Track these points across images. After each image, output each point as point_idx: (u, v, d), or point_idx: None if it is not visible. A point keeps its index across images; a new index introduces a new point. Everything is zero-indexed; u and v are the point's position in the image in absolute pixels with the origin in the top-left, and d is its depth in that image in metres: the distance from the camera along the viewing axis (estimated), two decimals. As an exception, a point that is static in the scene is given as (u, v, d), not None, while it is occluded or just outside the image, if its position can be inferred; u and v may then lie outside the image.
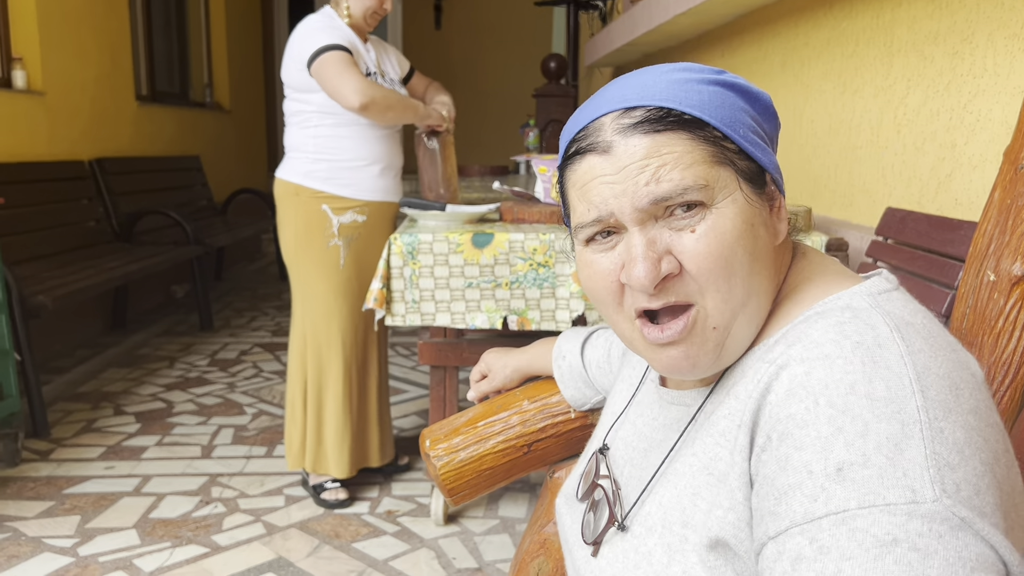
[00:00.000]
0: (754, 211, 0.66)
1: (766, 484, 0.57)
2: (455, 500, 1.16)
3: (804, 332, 0.61)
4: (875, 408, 0.54)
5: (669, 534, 0.65)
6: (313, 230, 2.31)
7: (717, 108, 0.65)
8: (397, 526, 2.28)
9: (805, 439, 0.55)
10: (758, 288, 0.65)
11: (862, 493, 0.52)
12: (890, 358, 0.56)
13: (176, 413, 3.15)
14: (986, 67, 1.60)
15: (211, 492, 2.48)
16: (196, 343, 4.18)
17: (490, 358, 1.23)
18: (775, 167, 0.69)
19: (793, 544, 0.53)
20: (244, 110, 6.91)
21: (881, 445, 0.52)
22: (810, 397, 0.56)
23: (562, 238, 1.99)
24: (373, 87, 2.21)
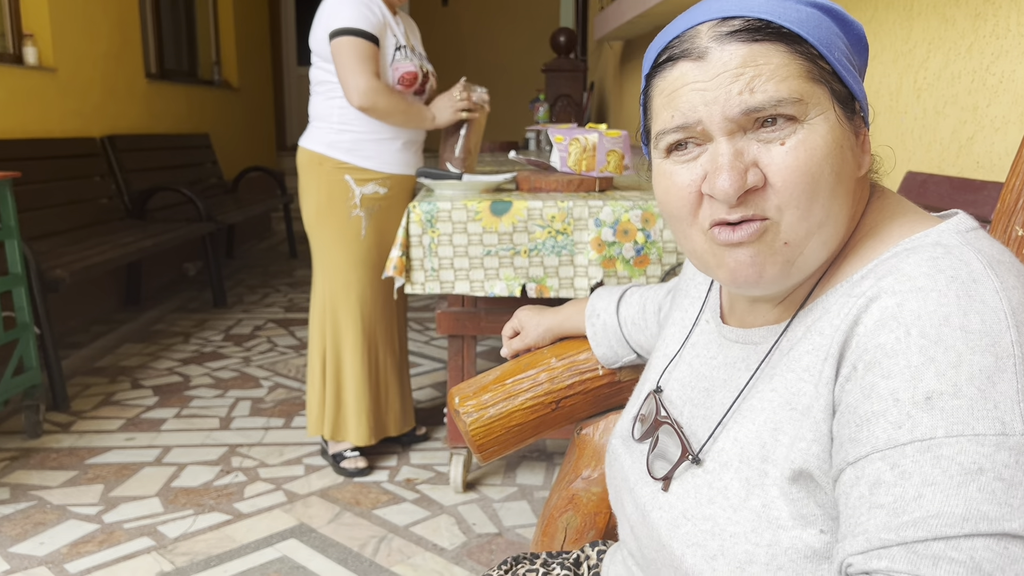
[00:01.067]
0: (844, 133, 0.65)
1: (848, 412, 0.57)
2: (484, 457, 1.17)
3: (895, 266, 0.60)
4: (969, 340, 0.54)
5: (747, 468, 0.64)
6: (335, 200, 2.31)
7: (815, 28, 0.64)
8: (417, 493, 2.30)
9: (894, 368, 0.55)
10: (836, 213, 0.64)
11: (950, 422, 0.52)
12: (985, 293, 0.56)
13: (193, 387, 3.17)
14: (1009, 27, 1.59)
15: (231, 462, 2.50)
16: (210, 319, 4.21)
17: (524, 315, 1.24)
18: (864, 98, 0.68)
19: (873, 468, 0.53)
20: (252, 88, 6.90)
21: (974, 376, 0.52)
22: (901, 328, 0.56)
23: (580, 205, 1.99)
24: (378, 94, 2.20)
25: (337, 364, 2.40)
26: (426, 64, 2.40)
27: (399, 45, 2.30)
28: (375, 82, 2.20)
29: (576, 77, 5.47)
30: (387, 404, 2.49)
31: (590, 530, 1.16)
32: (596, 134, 2.21)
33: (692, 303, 0.88)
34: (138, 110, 4.85)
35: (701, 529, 0.66)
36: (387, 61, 2.27)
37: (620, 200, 2.02)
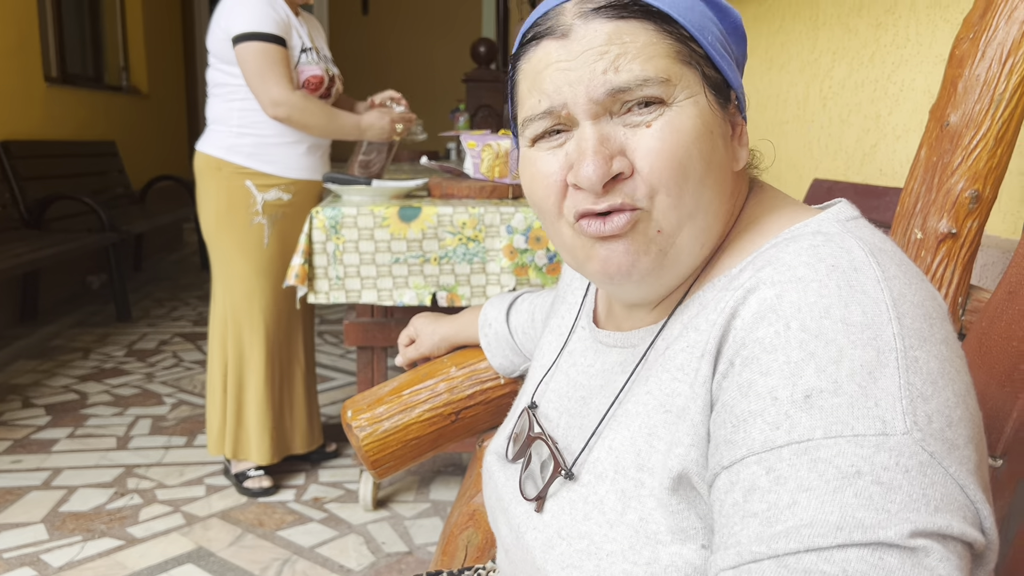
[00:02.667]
0: (716, 120, 0.61)
1: (724, 411, 0.53)
2: (379, 473, 1.10)
3: (775, 256, 0.57)
4: (851, 333, 0.51)
5: (623, 479, 0.60)
6: (236, 207, 2.20)
7: (687, 10, 0.61)
8: (324, 512, 2.20)
9: (772, 364, 0.51)
10: (708, 203, 0.61)
11: (829, 422, 0.48)
12: (867, 282, 0.53)
13: (90, 404, 3.00)
14: (908, 37, 1.61)
15: (127, 483, 2.36)
16: (113, 334, 4.01)
17: (419, 323, 1.19)
18: (740, 88, 0.65)
19: (748, 473, 0.50)
20: (163, 94, 6.66)
21: (855, 372, 0.49)
22: (780, 320, 0.52)
23: (492, 211, 1.94)
24: (294, 105, 2.11)
25: (239, 379, 2.29)
26: (332, 67, 2.32)
27: (304, 47, 2.21)
28: (290, 91, 2.11)
29: (497, 87, 5.44)
30: (292, 421, 2.38)
31: (492, 547, 1.11)
32: (509, 140, 2.17)
33: (569, 309, 0.84)
34: (36, 115, 4.60)
35: (576, 549, 0.61)
36: (291, 64, 2.17)
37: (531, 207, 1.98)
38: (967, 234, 1.09)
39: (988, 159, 1.06)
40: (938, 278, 1.11)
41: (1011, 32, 1.03)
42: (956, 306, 1.11)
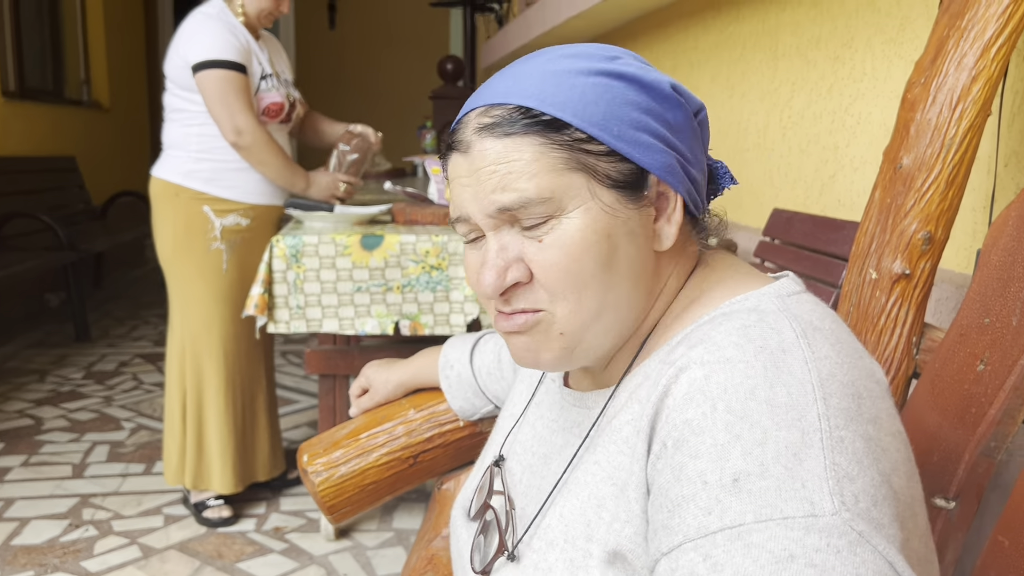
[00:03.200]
0: (613, 221, 0.61)
1: (660, 495, 0.54)
2: (335, 518, 1.09)
3: (707, 334, 0.58)
4: (775, 415, 0.51)
5: (572, 549, 0.60)
6: (194, 233, 2.17)
7: (590, 104, 0.60)
8: (285, 543, 2.17)
9: (701, 447, 0.52)
10: (616, 300, 0.62)
11: (759, 505, 0.48)
12: (794, 363, 0.54)
13: (46, 430, 2.93)
14: (865, 71, 1.64)
15: (82, 514, 2.30)
16: (71, 355, 3.93)
17: (371, 371, 1.16)
18: (665, 167, 0.62)
19: (686, 560, 0.50)
20: (125, 109, 6.57)
21: (780, 454, 0.50)
22: (708, 402, 0.53)
23: (455, 240, 1.93)
24: (256, 136, 2.09)
25: (199, 407, 2.25)
26: (293, 92, 2.30)
27: (265, 74, 2.19)
28: (253, 121, 2.09)
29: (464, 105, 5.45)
30: (254, 448, 2.35)
31: (451, 592, 1.09)
32: (472, 166, 2.17)
33: None
34: (-7, 130, 4.52)
35: None
36: (252, 91, 2.15)
37: (495, 234, 1.98)
38: (920, 275, 1.10)
39: (940, 202, 1.08)
40: (892, 318, 1.13)
41: (960, 78, 1.04)
42: (910, 346, 1.12)
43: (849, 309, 1.18)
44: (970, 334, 1.00)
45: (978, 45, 1.03)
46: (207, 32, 2.07)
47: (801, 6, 1.88)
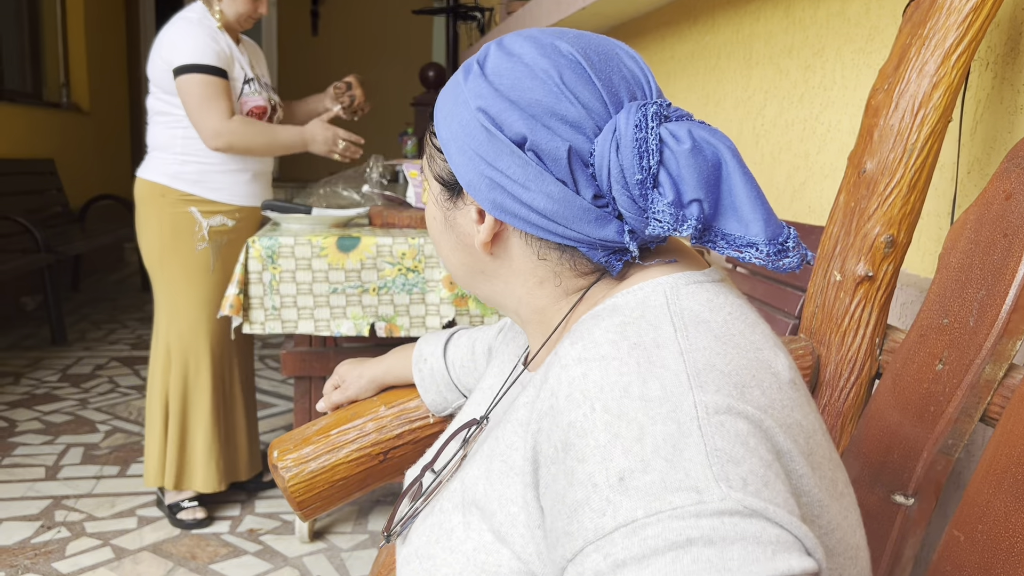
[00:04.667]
0: (438, 208, 0.71)
1: (558, 502, 0.54)
2: (305, 514, 1.09)
3: (588, 330, 0.58)
4: (649, 409, 0.51)
5: (468, 513, 0.64)
6: (181, 234, 2.17)
7: (444, 103, 0.67)
8: (259, 545, 2.17)
9: (585, 449, 0.52)
10: (454, 269, 0.74)
11: (647, 500, 0.48)
12: (667, 357, 0.54)
13: (19, 432, 2.90)
14: (835, 80, 1.67)
15: (54, 516, 2.29)
16: (46, 357, 3.89)
17: (343, 369, 1.17)
18: (469, 182, 0.64)
19: (590, 563, 0.50)
20: (105, 111, 6.53)
21: (659, 447, 0.50)
22: (587, 402, 0.53)
23: (432, 242, 1.95)
24: (234, 133, 2.10)
25: (183, 408, 2.24)
26: (274, 96, 2.32)
27: (247, 78, 2.20)
28: (228, 121, 2.10)
29: (445, 112, 5.47)
30: (236, 447, 2.35)
31: (419, 588, 1.10)
32: (450, 170, 2.18)
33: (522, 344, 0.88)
34: (-30, 131, 4.49)
35: (424, 568, 0.65)
36: (234, 96, 2.17)
37: (472, 238, 1.99)
38: (883, 277, 1.13)
39: (902, 206, 1.10)
40: (856, 319, 1.15)
41: (922, 85, 1.07)
42: (873, 347, 1.15)
43: (814, 311, 1.21)
44: (929, 334, 1.02)
45: (939, 53, 1.05)
46: (189, 37, 2.08)
47: (774, 16, 1.91)
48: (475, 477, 0.64)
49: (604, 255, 0.63)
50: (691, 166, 0.57)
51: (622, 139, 0.58)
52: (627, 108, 0.59)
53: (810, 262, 0.59)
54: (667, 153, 0.57)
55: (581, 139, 0.60)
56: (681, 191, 0.57)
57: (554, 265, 0.66)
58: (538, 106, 0.60)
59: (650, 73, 0.64)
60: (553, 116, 0.59)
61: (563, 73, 0.60)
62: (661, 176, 0.57)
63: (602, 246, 0.62)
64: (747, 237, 0.57)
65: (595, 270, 0.66)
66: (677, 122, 0.59)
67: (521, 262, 0.67)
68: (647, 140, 0.57)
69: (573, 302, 0.67)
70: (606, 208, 0.61)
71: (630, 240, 0.61)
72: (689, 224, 0.57)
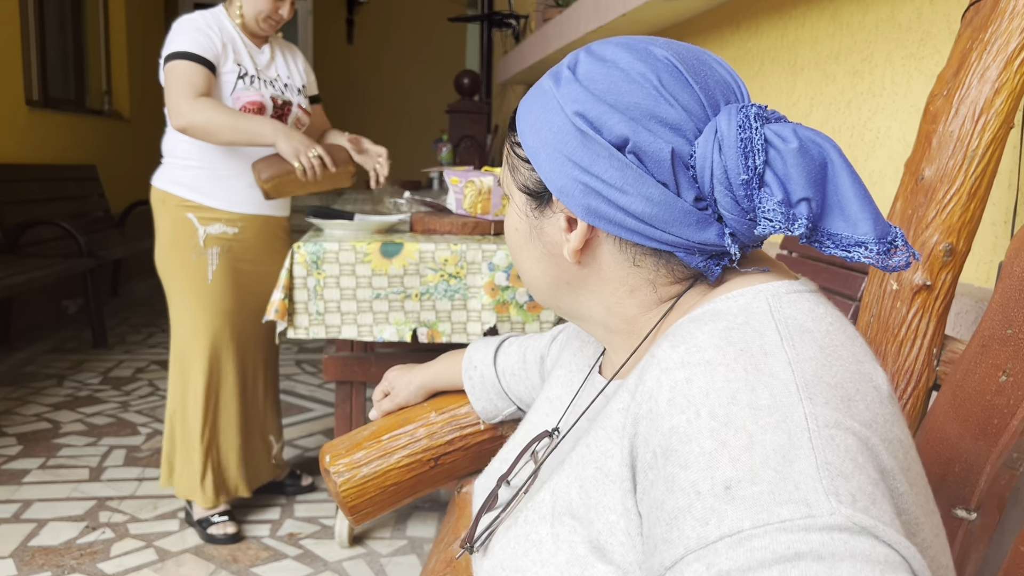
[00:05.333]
0: (522, 218, 0.70)
1: (656, 508, 0.53)
2: (357, 519, 1.10)
3: (691, 333, 0.57)
4: (758, 418, 0.50)
5: (558, 524, 0.62)
6: (180, 240, 2.15)
7: (531, 111, 0.66)
8: (299, 549, 2.18)
9: (689, 456, 0.51)
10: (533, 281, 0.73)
11: (755, 511, 0.47)
12: (775, 365, 0.53)
13: (63, 434, 2.95)
14: (884, 86, 1.65)
15: (99, 517, 2.32)
16: (88, 360, 3.96)
17: (393, 375, 1.18)
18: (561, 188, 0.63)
19: (691, 572, 0.49)
20: (145, 119, 6.64)
21: (768, 458, 0.49)
22: (691, 407, 0.52)
23: (473, 248, 1.95)
24: (195, 110, 1.99)
25: (184, 416, 2.22)
26: (290, 95, 2.24)
27: (243, 74, 2.14)
28: (190, 98, 2.01)
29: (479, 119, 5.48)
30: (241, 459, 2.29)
31: (469, 595, 1.10)
32: (492, 177, 2.19)
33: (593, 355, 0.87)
34: (16, 139, 4.58)
35: None
36: (227, 91, 2.11)
37: (514, 244, 1.99)
38: (941, 286, 1.11)
39: (961, 214, 1.08)
40: (913, 329, 1.13)
41: (983, 91, 1.05)
42: (931, 357, 1.13)
43: (869, 320, 1.19)
44: (992, 345, 1.00)
45: (1001, 58, 1.03)
46: (179, 31, 2.08)
47: (820, 21, 1.89)
48: (566, 486, 0.63)
49: (702, 260, 0.62)
50: (799, 165, 0.56)
51: (725, 140, 0.57)
52: (726, 110, 0.59)
53: (917, 258, 0.58)
54: (772, 153, 0.57)
55: (681, 141, 0.59)
56: (789, 190, 0.57)
57: (648, 272, 0.65)
58: (638, 109, 0.59)
59: (740, 79, 0.63)
60: (653, 119, 0.59)
61: (661, 76, 0.60)
62: (767, 176, 0.57)
63: (700, 250, 0.62)
64: (855, 236, 0.56)
65: (689, 276, 0.65)
66: (779, 123, 0.59)
67: (612, 270, 0.66)
68: (752, 140, 0.57)
69: (665, 310, 0.66)
70: (706, 211, 0.60)
71: (731, 243, 0.60)
72: (800, 223, 0.56)
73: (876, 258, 0.57)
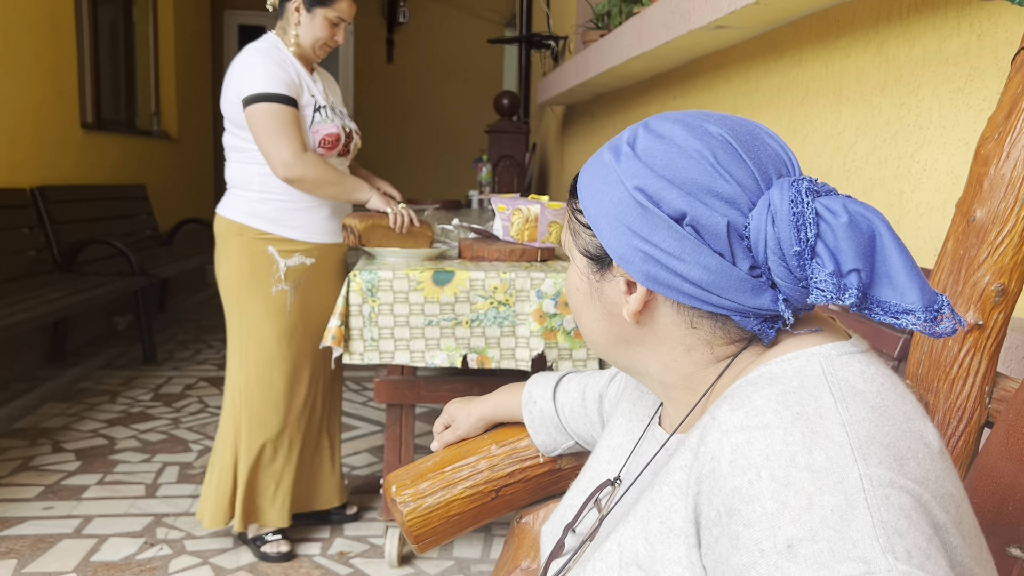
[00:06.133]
0: (583, 280, 0.75)
1: (722, 563, 0.56)
2: (421, 548, 1.14)
3: (749, 397, 0.60)
4: (816, 480, 0.53)
5: (625, 573, 0.65)
6: (259, 273, 2.18)
7: (591, 182, 0.71)
8: (350, 568, 2.23)
9: (752, 515, 0.54)
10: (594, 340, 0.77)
11: (816, 568, 0.50)
12: (831, 428, 0.56)
13: (118, 450, 3.05)
14: (931, 119, 1.67)
15: (156, 533, 2.40)
16: (139, 376, 4.07)
17: (453, 408, 1.21)
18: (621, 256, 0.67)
19: None
20: (192, 139, 6.82)
21: (827, 518, 0.52)
22: (752, 469, 0.55)
23: (522, 276, 1.99)
24: (305, 165, 2.08)
25: (253, 446, 2.24)
26: (348, 123, 2.30)
27: (318, 106, 2.19)
28: (300, 152, 2.09)
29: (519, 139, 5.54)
30: (315, 485, 2.35)
31: (529, 624, 1.14)
32: (539, 205, 2.23)
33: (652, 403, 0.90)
34: (72, 160, 4.74)
35: None
36: (306, 124, 2.16)
37: (562, 272, 2.03)
38: (993, 326, 1.13)
39: (1013, 255, 1.10)
40: (965, 368, 1.15)
41: (1034, 135, 1.07)
42: (983, 395, 1.14)
43: (920, 357, 1.21)
44: (1045, 385, 1.02)
45: (1052, 104, 1.06)
46: (255, 66, 2.10)
47: (866, 53, 1.91)
48: (631, 538, 0.66)
49: (757, 323, 0.66)
50: (848, 238, 0.60)
51: (777, 213, 0.61)
52: (779, 184, 0.63)
53: (964, 326, 0.61)
54: (823, 226, 0.61)
55: (736, 214, 0.63)
56: (840, 261, 0.60)
57: (705, 333, 0.69)
58: (695, 184, 0.64)
59: (791, 151, 0.67)
60: (710, 193, 0.63)
61: (716, 153, 0.64)
62: (819, 248, 0.61)
63: (755, 314, 0.65)
64: (903, 305, 0.60)
65: (744, 338, 0.69)
66: (829, 196, 0.62)
67: (670, 330, 0.70)
68: (804, 214, 0.61)
69: (721, 368, 0.70)
70: (760, 278, 0.64)
71: (784, 308, 0.64)
72: (851, 292, 0.60)
73: (924, 325, 0.60)
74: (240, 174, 2.21)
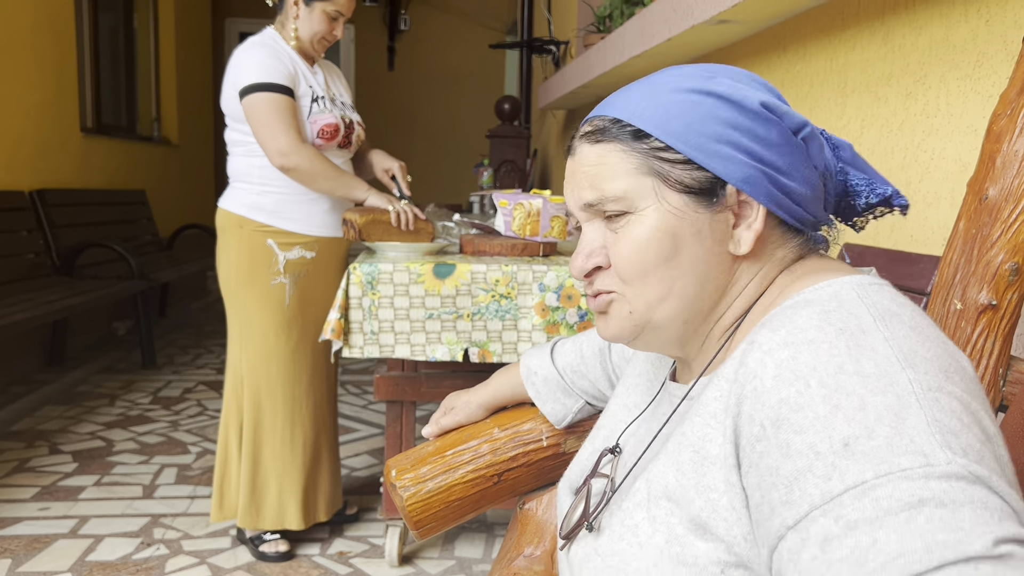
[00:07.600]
0: (679, 222, 0.69)
1: (771, 474, 0.56)
2: (421, 533, 1.11)
3: (789, 318, 0.62)
4: (867, 383, 0.55)
5: (655, 507, 0.66)
6: (257, 265, 2.17)
7: (673, 118, 0.69)
8: (349, 568, 2.20)
9: (803, 421, 0.55)
10: (682, 291, 0.70)
11: (875, 463, 0.51)
12: (875, 341, 0.58)
13: (116, 452, 3.02)
14: (939, 107, 1.65)
15: (153, 533, 2.36)
16: (138, 380, 4.04)
17: (450, 398, 1.20)
18: (745, 178, 0.69)
19: (817, 528, 0.52)
20: (192, 145, 6.81)
21: (882, 416, 0.53)
22: (800, 380, 0.56)
23: (524, 270, 1.97)
24: (300, 153, 2.07)
25: (255, 443, 2.22)
26: (350, 114, 2.29)
27: (316, 96, 2.18)
28: (297, 140, 2.07)
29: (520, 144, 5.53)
30: (316, 485, 2.31)
31: (532, 611, 1.11)
32: (540, 200, 2.21)
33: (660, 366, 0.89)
34: (72, 164, 4.72)
35: (608, 564, 0.68)
36: (303, 115, 2.15)
37: (564, 265, 2.01)
38: (1007, 305, 1.10)
39: (1027, 233, 1.08)
40: (978, 349, 1.12)
41: (1048, 110, 1.05)
42: (997, 377, 1.12)
43: (932, 339, 1.18)
44: (1061, 364, 0.99)
45: (1066, 78, 1.03)
46: (251, 58, 2.09)
47: (871, 44, 1.90)
48: (661, 473, 0.66)
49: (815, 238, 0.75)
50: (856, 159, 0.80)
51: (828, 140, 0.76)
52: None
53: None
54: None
55: None
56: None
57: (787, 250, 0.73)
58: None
59: None
60: None
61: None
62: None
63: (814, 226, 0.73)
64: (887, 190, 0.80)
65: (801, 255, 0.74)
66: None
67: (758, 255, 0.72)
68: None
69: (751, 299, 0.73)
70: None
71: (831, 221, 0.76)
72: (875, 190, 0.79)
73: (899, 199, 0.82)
74: (241, 167, 2.21)
